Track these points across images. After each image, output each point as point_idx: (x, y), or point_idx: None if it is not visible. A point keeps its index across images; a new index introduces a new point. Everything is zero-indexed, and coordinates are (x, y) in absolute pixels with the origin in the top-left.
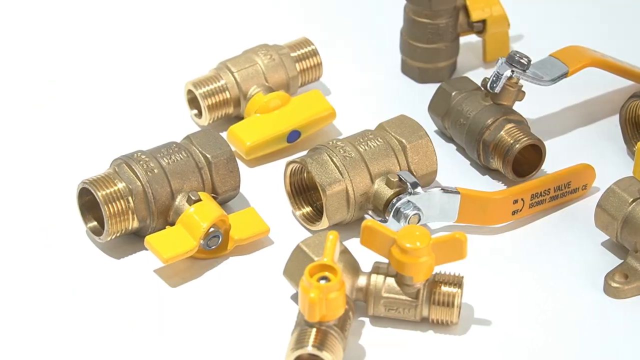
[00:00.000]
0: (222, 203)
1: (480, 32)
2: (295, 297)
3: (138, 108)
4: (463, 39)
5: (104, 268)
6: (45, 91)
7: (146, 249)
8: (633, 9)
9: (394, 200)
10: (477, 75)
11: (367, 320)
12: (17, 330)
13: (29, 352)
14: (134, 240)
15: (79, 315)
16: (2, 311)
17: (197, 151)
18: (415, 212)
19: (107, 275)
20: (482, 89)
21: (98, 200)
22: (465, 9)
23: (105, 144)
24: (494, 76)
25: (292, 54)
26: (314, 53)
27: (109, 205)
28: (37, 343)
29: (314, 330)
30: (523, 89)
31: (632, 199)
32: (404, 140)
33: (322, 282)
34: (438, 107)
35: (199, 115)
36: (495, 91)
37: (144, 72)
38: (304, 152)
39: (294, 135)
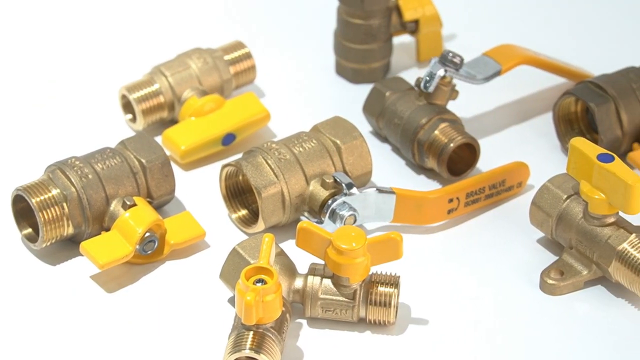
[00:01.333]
0: (158, 207)
1: (413, 32)
2: (232, 300)
3: (72, 113)
4: (396, 39)
5: (40, 275)
6: None
7: (82, 255)
8: (564, 7)
9: (330, 201)
10: (411, 75)
11: (304, 322)
12: None
13: None
14: (70, 246)
15: (16, 322)
16: None
17: (132, 156)
18: (351, 212)
19: (43, 282)
20: (416, 88)
21: (32, 207)
22: (398, 9)
23: (39, 150)
24: (428, 76)
25: (226, 57)
26: (248, 56)
27: (44, 212)
28: None
29: (251, 333)
30: (457, 88)
31: (566, 196)
32: (338, 142)
33: (259, 284)
34: (372, 108)
35: (134, 119)
36: (429, 91)
37: (78, 77)
38: (239, 155)
39: (228, 139)
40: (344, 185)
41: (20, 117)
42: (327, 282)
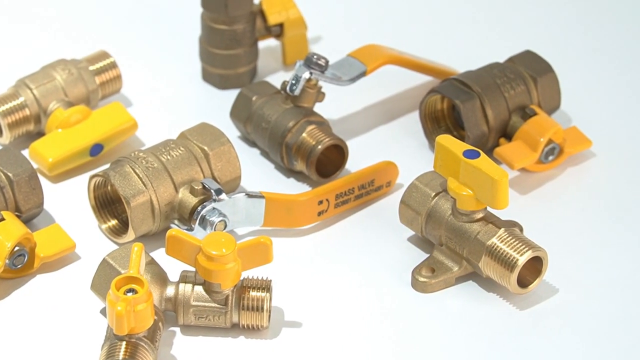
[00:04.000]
0: (27, 221)
1: (278, 35)
2: (104, 311)
3: None
4: (262, 43)
5: None
6: None
7: None
8: (426, 5)
9: (199, 208)
10: (278, 79)
11: (177, 330)
12: None
13: None
14: None
15: None
16: None
17: None
18: (221, 218)
19: None
20: (282, 92)
21: None
22: (262, 13)
23: None
24: (293, 79)
25: (91, 68)
26: (113, 65)
27: None
28: None
29: (124, 343)
30: (323, 90)
31: (434, 193)
32: (206, 148)
33: (129, 294)
34: (239, 113)
35: (0, 133)
36: (295, 94)
37: None
38: (107, 165)
39: (96, 149)
40: (212, 191)
41: None
42: (199, 289)
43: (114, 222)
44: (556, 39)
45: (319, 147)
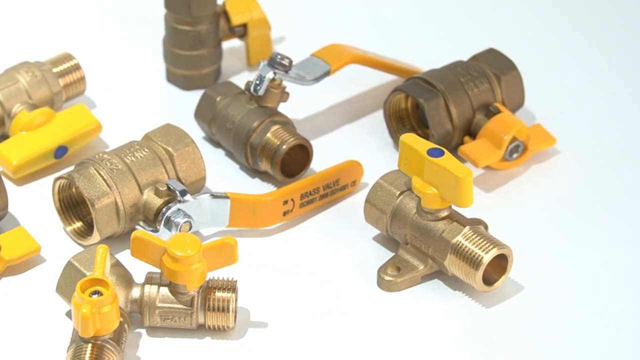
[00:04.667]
0: None
1: (242, 36)
2: (70, 314)
3: None
4: (226, 44)
5: None
6: None
7: None
8: (390, 4)
9: (164, 209)
10: (243, 79)
11: (143, 331)
12: None
13: None
14: None
15: None
16: None
17: None
18: (186, 219)
19: None
20: (247, 92)
21: None
22: (226, 14)
23: None
24: (257, 79)
25: (55, 70)
26: (77, 67)
27: None
28: None
29: (90, 345)
30: (287, 89)
31: (399, 192)
32: (170, 149)
33: (94, 296)
34: (204, 114)
35: None
36: (259, 94)
37: None
38: (72, 168)
39: (61, 151)
40: (177, 192)
41: None
42: (164, 290)
43: (79, 224)
44: (519, 36)
45: (284, 147)
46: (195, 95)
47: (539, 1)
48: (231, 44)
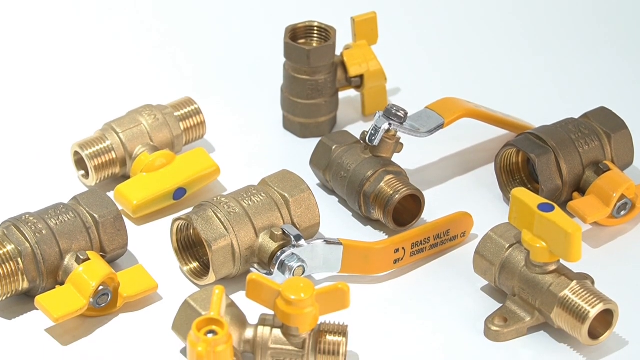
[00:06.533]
0: (111, 261)
1: (358, 86)
2: (184, 351)
3: (25, 170)
4: (342, 94)
5: None
6: None
7: (37, 309)
8: (503, 61)
9: (279, 253)
10: (357, 129)
11: None
12: None
13: None
14: (25, 300)
15: None
16: None
17: (85, 211)
18: (300, 264)
19: None
20: (362, 142)
21: None
22: (343, 64)
23: None
24: (372, 129)
25: (176, 114)
26: (197, 112)
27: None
28: None
29: None
30: (401, 140)
31: (508, 245)
32: (286, 195)
33: (210, 335)
34: (319, 161)
35: (86, 175)
36: (374, 144)
37: (30, 134)
38: (190, 209)
39: (179, 193)
40: (292, 237)
41: None
42: (277, 332)
43: (195, 264)
44: (630, 96)
45: (397, 196)
46: (311, 143)
47: None
48: (347, 94)
